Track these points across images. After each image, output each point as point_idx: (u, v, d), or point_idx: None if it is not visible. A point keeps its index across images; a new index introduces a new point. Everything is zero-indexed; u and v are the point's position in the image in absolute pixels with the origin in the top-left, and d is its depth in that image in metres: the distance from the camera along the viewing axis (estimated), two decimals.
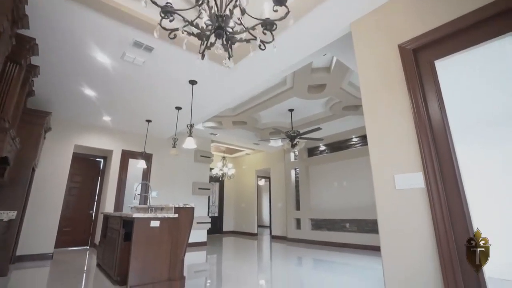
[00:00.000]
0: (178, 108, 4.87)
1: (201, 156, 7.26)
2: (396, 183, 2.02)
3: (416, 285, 1.80)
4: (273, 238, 8.70)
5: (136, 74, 3.73)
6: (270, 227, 9.59)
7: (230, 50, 1.66)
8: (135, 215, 2.89)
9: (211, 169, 9.48)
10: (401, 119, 2.08)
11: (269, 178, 10.14)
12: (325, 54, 3.97)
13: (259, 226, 13.85)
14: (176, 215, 3.16)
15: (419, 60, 2.09)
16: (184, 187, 6.81)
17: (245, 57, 3.32)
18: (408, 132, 2.02)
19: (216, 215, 10.27)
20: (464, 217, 1.69)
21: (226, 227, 10.32)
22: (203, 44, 1.64)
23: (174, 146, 4.56)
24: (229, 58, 1.62)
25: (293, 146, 5.94)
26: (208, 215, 9.84)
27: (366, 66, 2.41)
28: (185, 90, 4.20)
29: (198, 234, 6.81)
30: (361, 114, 6.04)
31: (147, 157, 6.33)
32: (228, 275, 4.07)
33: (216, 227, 10.08)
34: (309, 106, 5.96)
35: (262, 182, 14.36)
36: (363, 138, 6.83)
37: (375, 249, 5.88)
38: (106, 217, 4.33)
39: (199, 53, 1.64)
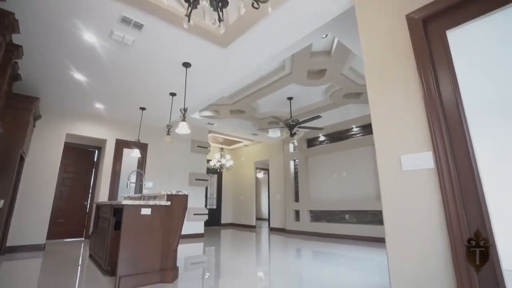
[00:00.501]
0: (173, 94, 4.68)
1: (198, 146, 7.09)
2: (403, 164, 1.86)
3: (424, 275, 1.65)
4: (272, 230, 8.60)
5: (126, 56, 3.54)
6: (268, 219, 9.49)
7: (220, 13, 1.48)
8: (125, 202, 2.74)
9: (208, 160, 9.33)
10: (408, 95, 1.91)
11: (268, 170, 10.00)
12: (326, 36, 3.79)
13: (257, 219, 13.78)
14: (169, 203, 3.01)
15: (429, 31, 1.91)
16: (181, 178, 6.66)
17: (239, 37, 3.14)
18: (417, 109, 1.85)
19: (215, 207, 10.16)
20: (478, 200, 1.54)
21: (225, 219, 10.22)
22: (190, 6, 1.46)
23: (168, 134, 4.39)
24: (219, 21, 1.44)
25: (292, 135, 5.77)
26: (206, 207, 9.74)
27: (370, 39, 2.23)
28: (179, 74, 4.01)
29: (195, 225, 6.69)
30: (362, 102, 5.87)
31: (142, 147, 6.17)
32: (225, 266, 3.94)
33: (214, 219, 9.98)
34: (309, 94, 5.78)
35: (261, 175, 14.25)
36: (364, 128, 6.67)
37: (376, 241, 5.78)
38: (98, 207, 4.18)
39: (185, 16, 1.46)
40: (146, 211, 2.86)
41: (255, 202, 9.68)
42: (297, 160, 8.12)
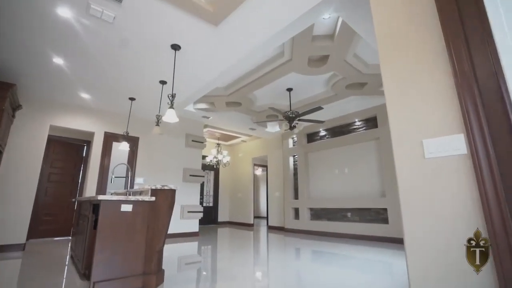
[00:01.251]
0: (163, 83, 4.34)
1: (192, 140, 6.76)
2: (426, 149, 1.53)
3: None
4: (270, 228, 8.29)
5: (108, 36, 3.20)
6: (267, 217, 9.18)
7: None
8: (101, 197, 2.41)
9: (204, 156, 9.01)
10: (432, 66, 1.58)
11: (266, 167, 9.68)
12: (329, 17, 3.45)
13: (256, 217, 13.47)
14: (153, 199, 2.68)
15: None
16: (174, 174, 6.33)
17: (232, 13, 2.80)
18: (443, 83, 1.52)
19: (211, 205, 9.84)
20: None
21: (222, 217, 9.90)
22: None
23: (157, 124, 4.06)
24: None
25: (292, 128, 5.44)
26: (202, 204, 9.43)
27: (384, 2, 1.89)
28: (168, 59, 3.67)
29: (190, 223, 6.37)
30: (366, 94, 5.55)
31: (133, 141, 5.83)
32: (219, 268, 3.63)
33: (211, 217, 9.67)
34: (309, 84, 5.44)
35: (259, 172, 13.94)
36: (367, 122, 6.34)
37: (380, 240, 5.47)
38: (79, 204, 3.85)
39: None
40: (126, 208, 2.54)
41: (253, 199, 9.36)
42: (296, 156, 7.80)
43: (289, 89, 5.62)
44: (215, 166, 8.86)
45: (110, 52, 3.57)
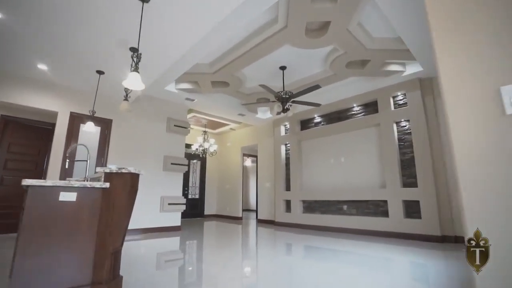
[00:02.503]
0: (134, 50, 3.63)
1: (175, 125, 6.09)
2: (506, 101, 0.97)
3: None
4: (260, 222, 7.76)
5: None
6: (256, 210, 8.64)
7: None
8: (28, 181, 1.77)
9: (189, 145, 8.35)
10: None
11: (256, 157, 9.11)
12: None
13: (244, 210, 12.94)
14: (107, 185, 2.05)
15: None
16: (154, 162, 5.67)
17: None
18: None
19: (197, 197, 9.23)
20: None
21: (208, 210, 9.31)
22: None
23: (126, 99, 3.39)
24: None
25: (285, 111, 4.86)
26: (187, 196, 8.80)
27: None
28: (135, 15, 2.99)
29: (170, 217, 5.75)
30: (366, 75, 5.01)
31: (105, 124, 5.12)
32: (201, 269, 3.04)
33: (196, 210, 9.07)
34: (305, 62, 4.85)
35: (249, 163, 13.38)
36: (366, 107, 5.82)
37: (379, 235, 5.00)
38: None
39: None
40: (68, 197, 1.90)
41: (242, 191, 8.80)
42: (288, 145, 7.24)
43: (283, 68, 5.02)
44: (201, 155, 8.22)
45: (68, 8, 2.86)
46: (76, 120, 4.75)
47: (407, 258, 3.63)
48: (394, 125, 5.22)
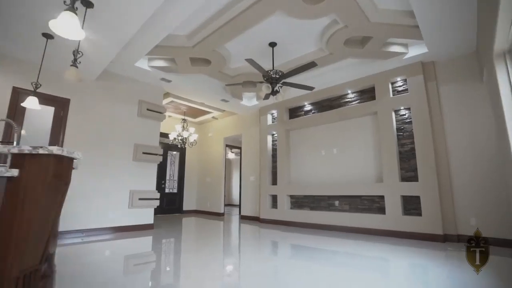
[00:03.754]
0: (88, 5, 2.84)
1: (148, 109, 5.32)
2: None
3: None
4: (243, 218, 7.17)
5: None
6: (239, 206, 8.05)
7: None
8: None
9: (166, 134, 7.59)
10: None
11: (240, 148, 8.48)
12: None
13: (227, 205, 12.32)
14: (15, 173, 1.36)
15: None
16: (122, 151, 4.90)
17: None
18: None
19: (175, 191, 8.49)
20: None
21: (187, 205, 8.61)
22: None
23: (73, 64, 2.64)
24: None
25: (274, 93, 4.24)
26: (164, 190, 8.05)
27: None
28: None
29: (141, 214, 5.02)
30: (366, 56, 4.54)
31: (61, 103, 4.29)
32: (177, 273, 2.39)
33: (174, 205, 8.35)
34: (298, 38, 4.25)
35: (232, 156, 12.73)
36: (362, 94, 5.31)
37: (374, 233, 4.54)
38: None
39: None
40: None
41: (224, 185, 8.16)
42: (276, 135, 6.66)
43: (272, 44, 4.39)
44: (180, 146, 7.47)
45: None
46: (20, 97, 3.88)
47: (405, 259, 3.22)
48: (393, 114, 4.75)
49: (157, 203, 5.21)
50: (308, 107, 6.17)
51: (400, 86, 4.80)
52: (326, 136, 5.74)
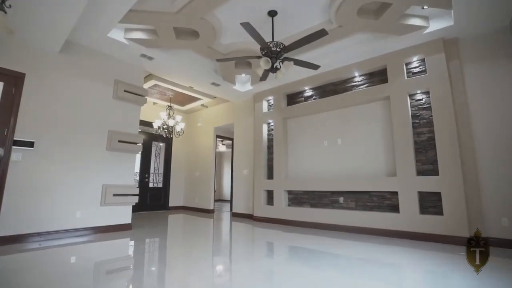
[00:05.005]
0: None
1: (126, 91, 4.57)
2: None
3: None
4: (235, 216, 6.53)
5: None
6: (231, 202, 7.42)
7: None
8: None
9: (150, 123, 6.86)
10: None
11: (232, 140, 7.81)
12: None
13: (217, 200, 11.66)
14: None
15: None
16: (92, 138, 4.15)
17: None
18: None
19: (160, 185, 7.77)
20: None
21: (174, 201, 7.91)
22: None
23: (1, 9, 1.90)
24: None
25: (274, 70, 3.57)
26: (148, 185, 7.32)
27: None
28: None
29: (116, 212, 4.31)
30: (380, 30, 3.92)
31: (12, 79, 3.49)
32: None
33: (159, 201, 7.64)
34: (303, 6, 3.57)
35: (223, 148, 12.04)
36: (371, 76, 4.70)
37: (385, 234, 3.98)
38: None
39: None
40: None
41: (214, 179, 7.48)
42: (272, 124, 6.01)
43: (272, 13, 3.71)
44: (165, 135, 6.73)
45: None
46: None
47: (423, 266, 2.69)
48: (408, 98, 4.16)
49: (135, 199, 4.51)
50: (308, 93, 5.53)
51: (415, 68, 4.21)
52: (329, 125, 5.12)
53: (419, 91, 4.10)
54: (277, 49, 3.46)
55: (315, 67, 3.91)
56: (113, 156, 4.35)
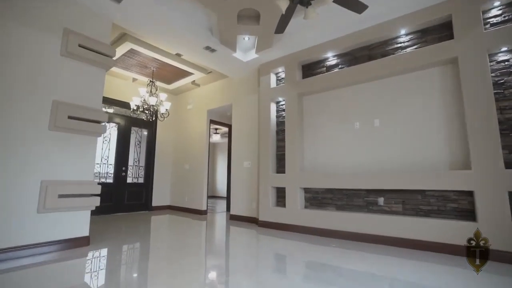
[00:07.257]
0: None
1: (80, 46, 3.18)
2: None
3: None
4: (234, 219, 5.24)
5: None
6: (227, 201, 6.15)
7: None
8: None
9: (128, 103, 5.51)
10: None
11: (230, 126, 6.52)
12: None
13: (210, 197, 10.37)
14: None
15: None
16: (26, 112, 2.77)
17: None
18: None
19: (142, 181, 6.41)
20: None
21: (158, 200, 6.57)
22: None
23: None
24: None
25: (305, 3, 2.26)
26: (126, 180, 5.95)
27: None
28: None
29: (64, 221, 2.96)
30: None
31: None
32: None
33: (140, 200, 6.30)
34: None
35: (217, 138, 10.71)
36: (424, 34, 3.44)
37: (449, 251, 2.76)
38: None
39: None
40: None
41: (207, 173, 6.16)
42: (283, 103, 4.72)
43: None
44: (146, 118, 5.34)
45: None
46: None
47: None
48: (487, 59, 2.92)
49: (96, 201, 3.16)
50: (332, 61, 4.24)
51: (497, 17, 2.97)
52: (361, 102, 3.86)
53: (505, 48, 2.87)
54: None
55: (362, 7, 2.61)
56: (60, 139, 2.98)
